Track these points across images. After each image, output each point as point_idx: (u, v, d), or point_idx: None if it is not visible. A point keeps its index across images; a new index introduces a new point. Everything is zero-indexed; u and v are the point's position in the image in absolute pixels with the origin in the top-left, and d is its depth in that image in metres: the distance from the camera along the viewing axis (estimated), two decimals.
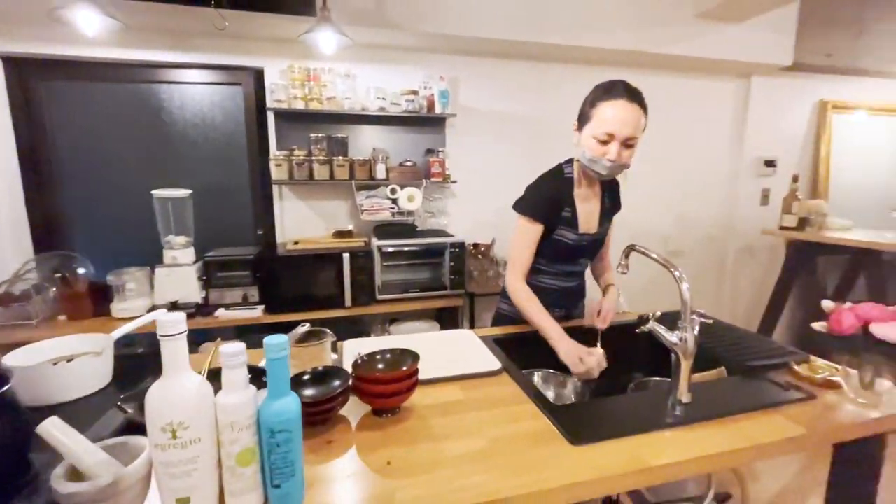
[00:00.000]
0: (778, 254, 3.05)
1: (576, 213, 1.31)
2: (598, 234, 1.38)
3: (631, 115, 1.13)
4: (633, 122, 1.14)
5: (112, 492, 0.54)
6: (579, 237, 1.32)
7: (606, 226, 1.41)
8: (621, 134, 1.13)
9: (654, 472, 0.75)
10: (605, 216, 1.38)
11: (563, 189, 1.31)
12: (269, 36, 2.13)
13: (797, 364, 1.06)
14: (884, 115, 3.24)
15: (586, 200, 1.34)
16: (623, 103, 1.13)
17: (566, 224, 1.30)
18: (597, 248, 1.43)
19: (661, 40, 2.47)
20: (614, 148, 1.15)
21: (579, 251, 1.36)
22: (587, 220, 1.34)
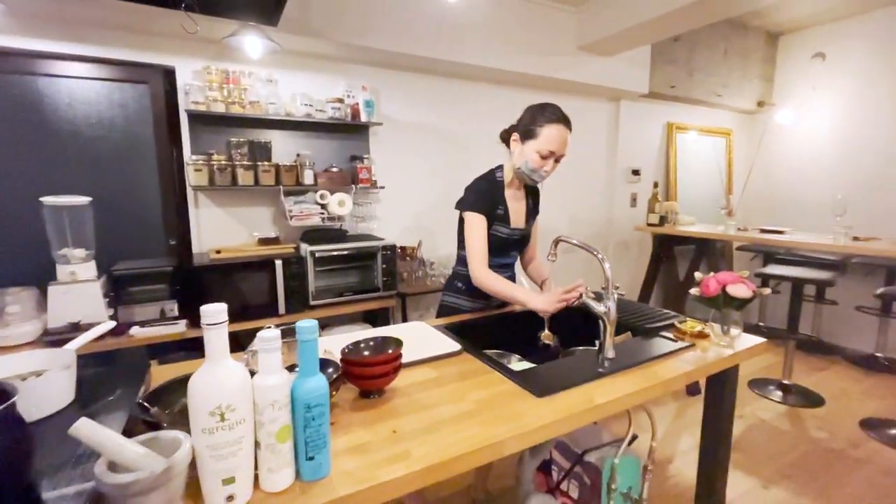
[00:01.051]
0: (646, 245, 3.70)
1: (507, 210, 1.53)
2: (526, 231, 1.61)
3: (566, 137, 1.44)
4: (566, 141, 1.44)
5: (166, 478, 0.57)
6: (511, 231, 1.54)
7: (531, 224, 1.66)
8: (560, 152, 1.43)
9: (600, 407, 0.96)
10: (529, 216, 1.63)
11: (496, 190, 1.53)
12: (181, 34, 2.00)
13: (679, 323, 1.39)
14: (709, 135, 4.14)
15: (515, 200, 1.57)
16: (563, 128, 1.42)
17: (500, 220, 1.52)
18: (524, 244, 1.66)
19: (552, 66, 2.88)
20: (551, 163, 1.44)
21: (511, 244, 1.58)
22: (517, 216, 1.56)
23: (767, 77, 4.09)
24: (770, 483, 2.03)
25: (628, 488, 1.37)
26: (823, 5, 3.36)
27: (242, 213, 2.28)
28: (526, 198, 1.62)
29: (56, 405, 0.81)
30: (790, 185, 4.00)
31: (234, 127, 2.16)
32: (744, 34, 3.84)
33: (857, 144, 3.54)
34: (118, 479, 0.55)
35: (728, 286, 1.21)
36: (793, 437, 2.40)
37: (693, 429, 2.45)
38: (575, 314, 1.65)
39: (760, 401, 2.79)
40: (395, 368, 0.98)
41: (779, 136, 4.07)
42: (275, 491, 0.67)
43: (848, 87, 3.58)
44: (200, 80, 2.05)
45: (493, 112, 3.00)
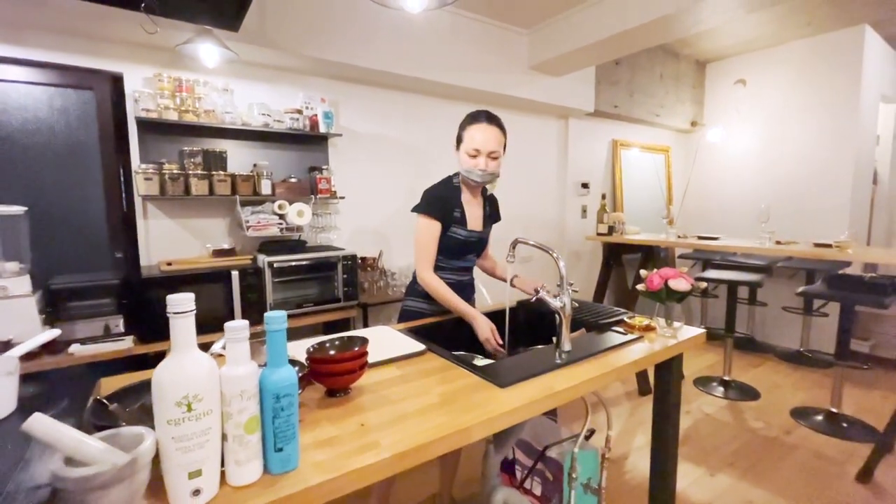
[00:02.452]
0: (597, 254, 3.89)
1: (464, 213, 1.60)
2: (483, 234, 1.68)
3: (492, 134, 1.50)
4: (493, 139, 1.50)
5: (130, 471, 0.56)
6: (469, 233, 1.61)
7: (488, 229, 1.72)
8: (485, 148, 1.49)
9: (559, 394, 1.02)
10: (486, 221, 1.71)
11: (452, 194, 1.60)
12: (130, 40, 1.95)
13: (628, 318, 1.49)
14: (650, 151, 4.46)
15: (471, 205, 1.64)
16: (484, 125, 1.50)
17: (457, 222, 1.58)
18: (481, 247, 1.72)
19: (505, 84, 3.02)
20: (482, 160, 1.50)
21: (468, 247, 1.64)
22: (473, 220, 1.63)
23: (698, 100, 4.49)
24: (715, 471, 2.17)
25: (588, 479, 1.43)
26: (743, 37, 3.75)
27: (195, 225, 2.21)
28: (484, 205, 1.70)
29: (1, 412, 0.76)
30: (722, 196, 4.37)
31: (187, 136, 2.10)
32: (676, 61, 4.21)
33: (776, 159, 3.94)
34: (79, 472, 0.53)
35: (669, 280, 1.32)
36: (734, 428, 2.58)
37: (646, 426, 2.58)
38: (532, 315, 1.73)
39: (704, 397, 2.98)
40: (361, 366, 0.99)
41: (710, 153, 4.45)
42: (242, 484, 0.66)
43: (766, 110, 4.00)
44: (151, 87, 1.99)
45: (449, 126, 3.06)
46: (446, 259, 1.62)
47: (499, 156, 1.53)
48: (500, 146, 1.52)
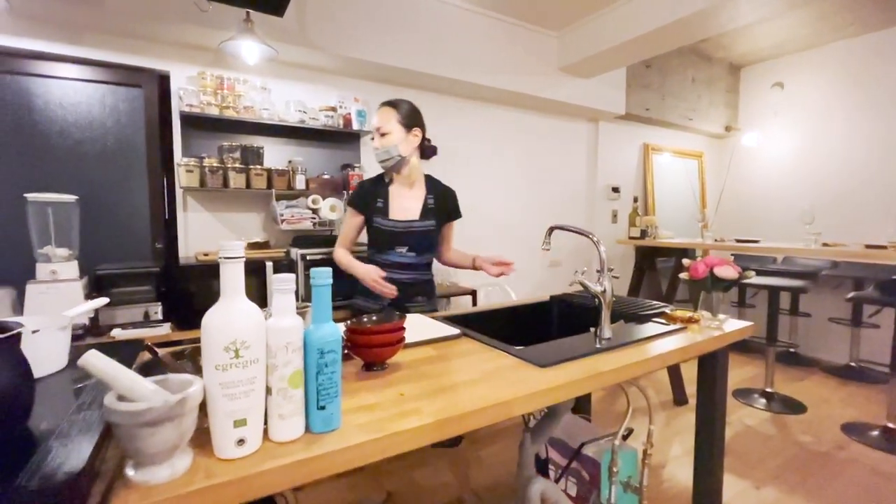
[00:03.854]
0: (628, 260, 3.80)
1: (388, 203, 1.58)
2: (414, 226, 1.58)
3: (381, 114, 1.54)
4: (382, 116, 1.54)
5: (179, 411, 0.55)
6: (393, 223, 1.56)
7: (429, 223, 1.60)
8: (376, 125, 1.54)
9: (604, 375, 0.98)
10: (427, 213, 1.61)
11: (378, 185, 1.62)
12: (177, 41, 2.04)
13: (670, 311, 1.43)
14: (682, 157, 4.36)
15: (402, 196, 1.60)
16: (379, 109, 1.56)
17: (379, 213, 1.57)
18: (419, 241, 1.59)
19: (534, 85, 3.02)
20: (377, 138, 1.55)
21: (395, 238, 1.56)
22: (400, 210, 1.58)
23: (732, 104, 4.37)
24: (762, 484, 2.04)
25: (628, 477, 1.36)
26: (780, 39, 3.66)
27: (231, 219, 2.27)
28: (426, 197, 1.64)
29: (51, 367, 0.78)
30: (759, 200, 4.21)
31: (226, 132, 2.17)
32: (709, 65, 4.13)
33: (819, 162, 3.78)
34: (131, 406, 0.53)
35: (715, 268, 1.27)
36: (779, 442, 2.43)
37: (683, 437, 2.46)
38: (566, 309, 1.68)
39: (745, 409, 2.83)
40: (399, 339, 0.97)
41: (746, 157, 4.31)
42: (285, 440, 0.65)
43: (806, 112, 3.86)
44: (195, 85, 2.07)
45: (477, 127, 3.11)
46: (377, 252, 1.60)
47: (389, 132, 1.52)
48: (388, 122, 1.53)
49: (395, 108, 1.55)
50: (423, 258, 1.62)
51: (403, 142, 1.55)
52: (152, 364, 0.73)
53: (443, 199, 1.67)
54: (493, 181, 3.23)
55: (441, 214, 1.65)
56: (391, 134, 1.53)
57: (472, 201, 3.14)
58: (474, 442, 2.36)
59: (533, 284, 3.46)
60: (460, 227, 3.04)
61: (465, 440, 2.37)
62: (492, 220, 3.26)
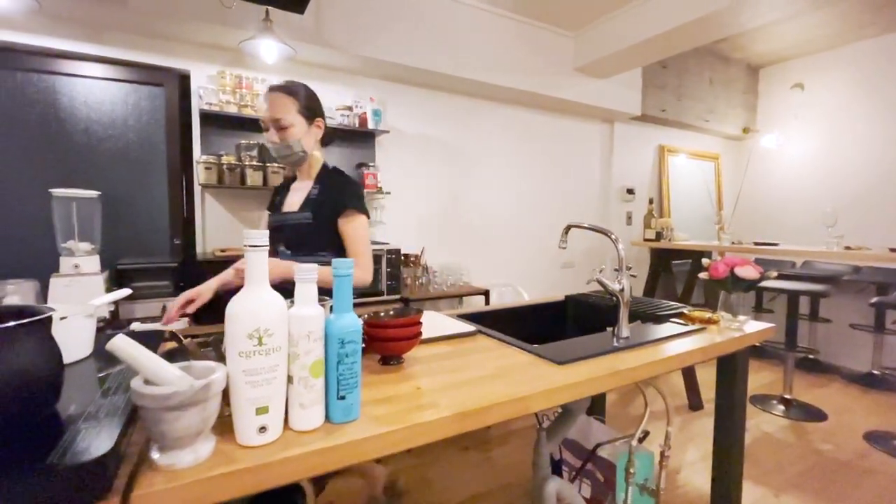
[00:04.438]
0: (643, 262, 3.75)
1: (284, 198, 1.42)
2: (293, 218, 1.34)
3: (275, 100, 1.27)
4: (277, 104, 1.27)
5: (203, 396, 0.56)
6: (272, 218, 1.41)
7: (307, 216, 1.33)
8: (269, 116, 1.27)
9: (622, 373, 0.96)
10: (308, 204, 1.34)
11: (286, 180, 1.50)
12: (197, 40, 2.08)
13: (688, 311, 1.41)
14: (698, 159, 4.30)
15: (296, 190, 1.41)
16: (267, 94, 1.29)
17: (273, 209, 1.45)
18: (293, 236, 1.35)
19: (550, 85, 3.01)
20: (273, 132, 1.28)
21: (275, 234, 1.33)
22: (288, 205, 1.39)
23: (750, 106, 4.30)
24: (780, 492, 1.99)
25: (644, 479, 1.34)
26: (799, 40, 3.59)
27: (248, 216, 2.29)
28: (312, 186, 1.37)
29: (77, 354, 0.79)
30: (777, 203, 4.13)
31: (244, 130, 2.20)
32: (726, 66, 4.07)
33: (840, 164, 3.70)
34: (158, 390, 0.54)
35: (736, 268, 1.24)
36: (799, 449, 2.37)
37: (698, 442, 2.42)
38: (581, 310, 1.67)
39: (763, 415, 2.77)
40: (416, 334, 0.97)
41: (764, 159, 4.24)
42: (305, 429, 0.66)
43: (827, 113, 3.78)
44: (214, 84, 2.11)
45: (492, 127, 3.11)
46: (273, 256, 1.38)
47: (290, 124, 1.28)
48: (287, 112, 1.28)
49: (293, 96, 1.30)
50: (305, 258, 1.32)
51: (306, 135, 1.32)
52: (177, 351, 0.74)
53: (331, 188, 1.35)
54: (507, 181, 3.22)
55: (325, 207, 1.33)
56: (293, 127, 1.29)
57: (485, 201, 3.13)
58: (486, 442, 2.35)
59: (546, 285, 3.44)
60: (473, 227, 3.07)
61: (478, 440, 2.36)
62: (505, 220, 3.25)
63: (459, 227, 3.03)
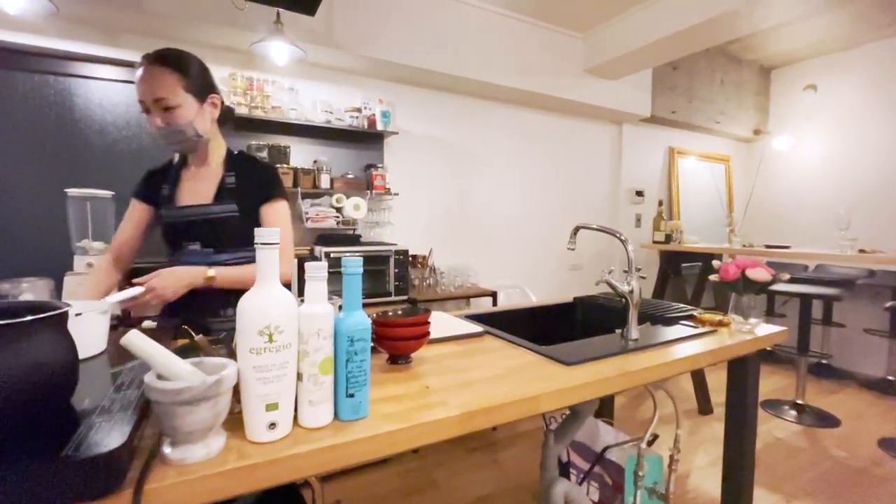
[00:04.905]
0: (652, 265, 3.72)
1: (176, 190, 1.23)
2: (216, 213, 1.19)
3: (156, 77, 1.08)
4: (158, 82, 1.08)
5: (215, 391, 0.56)
6: (177, 212, 1.20)
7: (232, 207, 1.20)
8: (149, 97, 1.09)
9: (632, 375, 0.96)
10: (226, 194, 1.20)
11: (164, 168, 1.28)
12: (210, 42, 2.11)
13: (698, 314, 1.39)
14: (708, 161, 4.26)
15: (195, 178, 1.23)
16: (146, 68, 1.09)
17: (165, 202, 1.22)
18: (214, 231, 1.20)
19: (558, 87, 3.00)
20: (156, 115, 1.10)
21: (182, 231, 1.20)
22: (190, 194, 1.22)
23: (762, 108, 4.26)
24: (793, 498, 1.96)
25: (653, 483, 1.33)
26: (813, 39, 3.55)
27: None
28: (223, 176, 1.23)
29: (91, 350, 0.81)
30: (789, 206, 4.08)
31: (255, 131, 2.23)
32: (738, 67, 4.03)
33: (852, 167, 3.65)
34: (171, 385, 0.54)
35: (747, 270, 1.23)
36: (812, 456, 2.33)
37: (707, 447, 2.39)
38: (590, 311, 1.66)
39: (774, 420, 2.73)
40: (424, 333, 0.97)
41: (776, 161, 4.19)
42: (314, 426, 0.66)
43: (840, 115, 3.73)
44: (226, 86, 2.13)
45: (500, 128, 3.11)
46: (170, 256, 1.24)
47: (176, 104, 1.10)
48: (172, 90, 1.09)
49: (180, 72, 1.11)
50: (234, 256, 1.21)
51: (199, 115, 1.15)
52: (188, 348, 0.75)
53: (249, 175, 1.23)
54: (515, 183, 3.22)
55: (248, 196, 1.21)
56: (181, 108, 1.10)
57: (493, 203, 3.13)
58: (492, 444, 2.35)
59: (553, 287, 3.43)
60: (481, 229, 3.07)
61: (484, 442, 2.35)
62: (513, 222, 3.24)
63: (467, 229, 3.03)
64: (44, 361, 0.54)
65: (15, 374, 0.52)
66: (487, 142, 3.06)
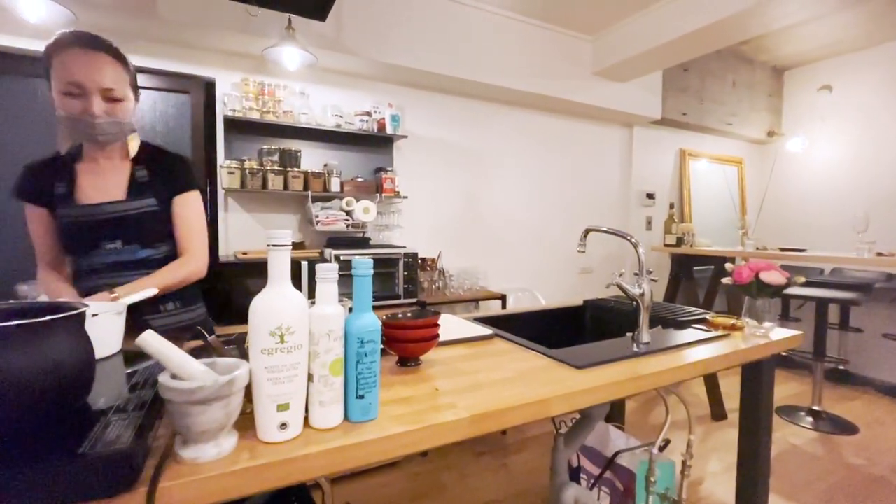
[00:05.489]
0: (663, 268, 3.68)
1: (74, 185, 1.11)
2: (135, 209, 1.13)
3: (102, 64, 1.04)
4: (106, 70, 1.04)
5: (228, 391, 0.57)
6: (85, 210, 1.09)
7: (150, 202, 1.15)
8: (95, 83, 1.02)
9: (644, 378, 0.95)
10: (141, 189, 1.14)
11: (52, 163, 1.13)
12: (223, 48, 2.15)
13: (711, 317, 1.37)
14: (720, 163, 4.21)
15: (97, 172, 1.13)
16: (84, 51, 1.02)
17: (62, 202, 1.10)
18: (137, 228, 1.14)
19: (567, 89, 3.00)
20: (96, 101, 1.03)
21: (96, 230, 1.10)
22: (96, 190, 1.12)
23: (775, 109, 4.20)
24: None
25: (665, 489, 1.31)
26: (828, 39, 3.50)
27: (269, 219, 2.34)
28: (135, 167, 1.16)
29: (106, 350, 0.82)
30: (804, 208, 4.02)
31: (266, 136, 2.25)
32: (750, 68, 3.99)
33: (868, 168, 3.58)
34: (184, 385, 0.55)
35: (761, 273, 1.21)
36: (829, 463, 2.28)
37: (721, 453, 2.35)
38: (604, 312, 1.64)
39: (790, 427, 2.67)
40: (434, 335, 0.97)
41: (790, 163, 4.12)
42: (324, 427, 0.66)
43: (856, 116, 3.66)
44: (238, 91, 2.17)
45: (509, 131, 3.11)
46: (77, 260, 1.14)
47: (124, 97, 1.06)
48: (121, 83, 1.06)
49: (124, 65, 1.08)
50: (156, 251, 1.16)
51: (133, 109, 1.12)
52: (201, 349, 0.76)
53: (161, 165, 1.18)
54: (524, 186, 3.21)
55: (163, 190, 1.16)
56: (127, 101, 1.08)
57: (502, 206, 3.13)
58: (501, 448, 2.33)
59: (563, 291, 3.41)
60: (490, 232, 3.06)
61: (493, 446, 2.34)
62: (522, 225, 3.23)
63: (476, 232, 3.03)
64: (62, 360, 0.56)
65: (34, 373, 0.53)
66: (496, 145, 3.06)
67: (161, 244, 1.18)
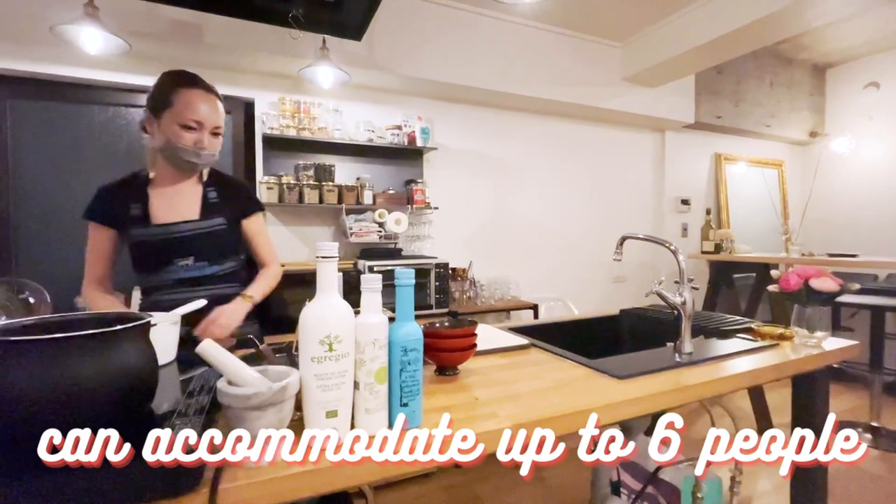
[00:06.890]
0: (700, 276, 3.56)
1: (149, 205, 1.20)
2: (201, 227, 1.23)
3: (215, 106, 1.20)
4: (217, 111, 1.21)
5: (281, 397, 0.59)
6: (162, 230, 1.20)
7: (220, 221, 1.26)
8: (210, 122, 1.18)
9: (689, 389, 0.92)
10: (212, 209, 1.26)
11: (129, 186, 1.23)
12: (261, 70, 2.25)
13: (756, 326, 1.32)
14: (759, 166, 4.06)
15: (168, 194, 1.23)
16: (205, 94, 1.18)
17: (138, 223, 1.19)
18: (207, 245, 1.25)
19: (597, 96, 2.97)
20: (206, 137, 1.18)
21: (171, 248, 1.21)
22: (169, 210, 1.22)
23: (817, 108, 4.03)
24: None
25: None
26: (872, 35, 3.34)
27: (305, 232, 2.42)
28: (205, 191, 1.28)
29: (163, 359, 0.86)
30: (853, 212, 3.81)
31: (302, 152, 2.34)
32: (789, 67, 3.85)
33: None
34: (242, 391, 0.58)
35: (811, 280, 1.16)
36: (890, 483, 2.13)
37: (771, 470, 2.23)
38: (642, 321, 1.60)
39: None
40: (472, 345, 0.98)
41: (836, 164, 3.93)
42: (371, 433, 0.68)
43: None
44: (276, 109, 2.26)
45: (539, 141, 3.11)
46: (147, 276, 1.23)
47: (222, 133, 1.24)
48: (221, 117, 1.23)
49: (219, 99, 1.23)
50: (222, 268, 1.28)
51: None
52: (252, 357, 0.79)
53: (228, 189, 1.32)
54: (555, 194, 3.19)
55: (231, 210, 1.30)
56: (222, 136, 1.25)
57: (533, 215, 3.11)
58: None
59: (596, 300, 3.34)
60: (520, 241, 3.05)
61: None
62: (553, 234, 3.20)
63: (507, 241, 3.02)
64: (130, 366, 0.59)
65: (105, 377, 0.57)
66: (526, 154, 3.06)
67: (226, 260, 1.30)
